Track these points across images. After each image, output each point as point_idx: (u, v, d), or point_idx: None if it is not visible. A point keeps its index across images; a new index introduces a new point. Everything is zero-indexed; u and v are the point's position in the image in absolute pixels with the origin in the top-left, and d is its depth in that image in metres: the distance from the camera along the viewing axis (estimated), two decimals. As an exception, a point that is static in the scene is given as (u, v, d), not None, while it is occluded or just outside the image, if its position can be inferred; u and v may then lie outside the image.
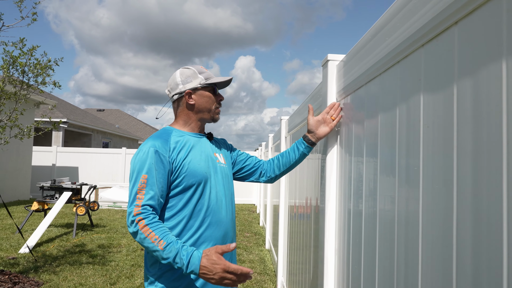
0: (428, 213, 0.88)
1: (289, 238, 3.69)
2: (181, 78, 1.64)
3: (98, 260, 5.18)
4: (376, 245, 1.19)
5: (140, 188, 1.44)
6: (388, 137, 1.11)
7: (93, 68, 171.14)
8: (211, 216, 1.57)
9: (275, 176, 1.88)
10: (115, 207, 10.79)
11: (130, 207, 1.43)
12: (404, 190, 0.99)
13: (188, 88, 1.62)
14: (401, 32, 1.00)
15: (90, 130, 18.57)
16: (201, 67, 1.68)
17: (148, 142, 1.53)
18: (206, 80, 1.64)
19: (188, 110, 1.65)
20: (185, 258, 1.34)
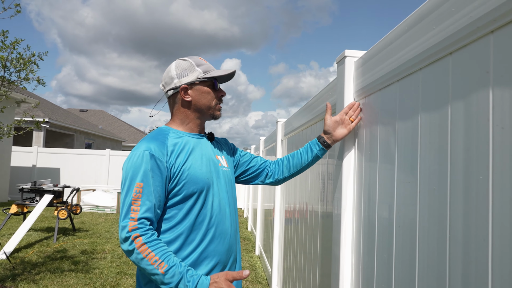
0: (498, 234, 0.74)
1: (285, 245, 3.54)
2: (176, 72, 1.45)
3: (81, 268, 4.92)
4: (416, 264, 1.04)
5: (134, 199, 1.25)
6: (435, 141, 0.97)
7: (76, 68, 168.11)
8: (214, 228, 1.40)
9: (283, 178, 1.72)
10: (98, 210, 10.46)
11: (123, 220, 1.24)
12: (465, 204, 0.84)
13: (184, 83, 1.44)
14: (462, 15, 0.86)
15: (73, 130, 18.09)
16: (200, 58, 1.49)
17: (142, 144, 1.35)
18: (204, 74, 1.45)
19: (184, 108, 1.47)
20: (191, 285, 1.18)
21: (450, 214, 0.89)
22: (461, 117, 0.86)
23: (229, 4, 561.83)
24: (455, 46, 0.88)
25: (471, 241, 0.81)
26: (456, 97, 0.89)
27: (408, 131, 1.12)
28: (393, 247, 1.19)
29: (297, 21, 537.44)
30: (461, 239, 0.84)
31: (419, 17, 1.05)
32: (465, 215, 0.83)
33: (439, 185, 0.94)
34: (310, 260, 2.38)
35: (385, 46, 1.29)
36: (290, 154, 1.72)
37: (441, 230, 0.92)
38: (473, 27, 0.81)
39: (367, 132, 1.46)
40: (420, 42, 1.04)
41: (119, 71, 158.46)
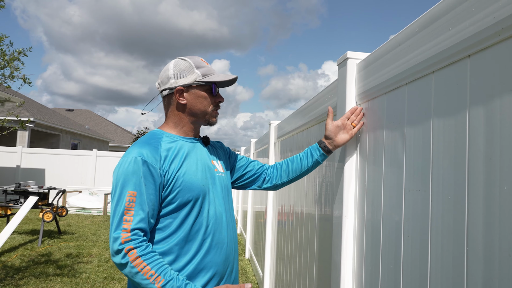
0: None
1: (278, 248, 3.49)
2: (173, 71, 1.37)
3: (67, 272, 4.78)
4: (428, 277, 0.99)
5: (127, 208, 1.18)
6: (451, 148, 0.92)
7: (62, 67, 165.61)
8: (210, 238, 1.33)
9: (281, 183, 1.66)
10: (84, 212, 10.26)
11: (115, 231, 1.16)
12: (486, 216, 0.80)
13: (180, 85, 1.36)
14: (484, 16, 0.81)
15: (59, 130, 17.76)
16: (201, 60, 1.41)
17: (134, 149, 1.27)
18: (203, 77, 1.37)
19: (178, 111, 1.39)
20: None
21: (468, 226, 0.84)
22: (482, 123, 0.82)
23: (218, 5, 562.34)
24: (474, 49, 0.84)
25: (494, 256, 0.76)
26: (475, 102, 0.84)
27: (418, 137, 1.08)
28: (401, 257, 1.14)
29: (286, 23, 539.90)
30: (481, 253, 0.80)
31: (433, 18, 1.00)
32: (487, 227, 0.78)
33: (455, 194, 0.89)
34: (306, 265, 2.33)
35: (392, 48, 1.24)
36: (289, 159, 1.66)
37: (458, 243, 0.87)
38: (497, 29, 0.76)
39: (371, 136, 1.42)
40: (434, 44, 0.99)
41: (106, 71, 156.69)
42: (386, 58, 1.28)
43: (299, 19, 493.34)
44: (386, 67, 1.28)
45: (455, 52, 0.90)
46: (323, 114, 2.01)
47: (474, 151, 0.83)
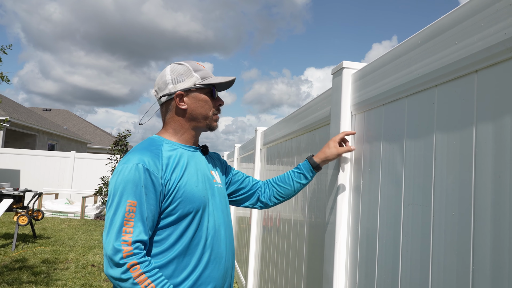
0: None
1: (262, 255, 3.44)
2: (171, 76, 1.33)
3: (42, 279, 4.60)
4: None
5: (127, 219, 1.12)
6: (455, 163, 0.91)
7: (40, 65, 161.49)
8: (209, 251, 1.28)
9: (273, 205, 1.63)
10: (61, 216, 9.96)
11: (115, 242, 1.10)
12: (494, 235, 0.78)
13: (180, 89, 1.31)
14: (495, 31, 0.79)
15: (35, 130, 17.25)
16: (198, 64, 1.37)
17: (134, 156, 1.21)
18: (202, 80, 1.33)
19: (179, 117, 1.34)
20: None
21: (474, 244, 0.83)
22: (490, 140, 0.80)
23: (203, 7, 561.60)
24: (483, 64, 0.83)
25: (503, 277, 0.74)
26: (483, 118, 0.83)
27: (419, 150, 1.06)
28: (399, 272, 1.12)
29: (271, 28, 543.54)
30: (489, 274, 0.78)
31: (437, 31, 0.99)
32: (496, 247, 0.77)
33: (460, 211, 0.88)
34: (293, 273, 2.29)
35: (391, 59, 1.23)
36: (280, 180, 1.61)
37: (463, 261, 0.86)
38: (509, 45, 0.75)
39: (366, 147, 1.40)
40: (438, 57, 0.98)
41: (86, 70, 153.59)
42: (385, 69, 1.26)
43: (284, 24, 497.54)
44: (385, 79, 1.26)
45: (461, 66, 0.89)
46: (315, 122, 1.99)
47: (482, 168, 0.82)
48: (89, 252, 6.11)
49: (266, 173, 3.50)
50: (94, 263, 5.46)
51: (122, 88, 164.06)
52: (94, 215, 10.08)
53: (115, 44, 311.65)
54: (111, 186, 1.19)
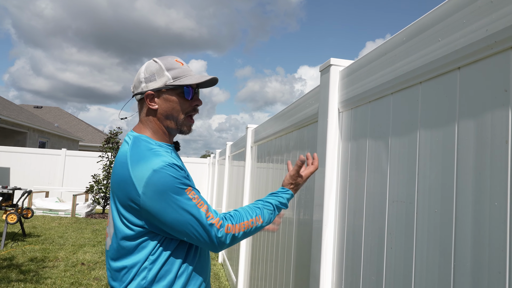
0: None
1: (253, 252, 3.44)
2: (144, 75, 1.27)
3: (31, 277, 4.56)
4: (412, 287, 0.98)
5: (197, 202, 1.14)
6: (438, 160, 0.91)
7: (32, 61, 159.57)
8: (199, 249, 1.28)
9: None
10: (51, 214, 9.87)
11: (208, 225, 1.13)
12: (475, 231, 0.78)
13: (150, 89, 1.25)
14: (477, 28, 0.79)
15: (26, 128, 17.07)
16: (175, 61, 1.29)
17: (153, 160, 1.14)
18: (174, 80, 1.24)
19: (151, 117, 1.28)
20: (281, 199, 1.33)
21: (455, 241, 0.83)
22: (472, 137, 0.80)
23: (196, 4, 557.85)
24: (465, 61, 0.83)
25: (483, 273, 0.74)
26: (465, 115, 0.83)
27: (403, 148, 1.06)
28: (384, 269, 1.12)
29: (265, 26, 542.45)
30: (469, 270, 0.78)
31: (421, 28, 0.99)
32: (476, 244, 0.77)
33: (442, 208, 0.88)
34: (282, 269, 2.29)
35: (377, 56, 1.23)
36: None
37: (445, 258, 0.86)
38: (490, 42, 0.75)
39: (353, 144, 1.40)
40: (422, 54, 0.98)
41: (78, 67, 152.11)
42: (371, 67, 1.26)
43: (278, 22, 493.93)
44: (371, 76, 1.26)
45: (444, 63, 0.89)
46: (304, 120, 1.99)
47: (463, 165, 0.82)
48: (79, 251, 6.06)
49: (256, 171, 3.50)
50: (84, 262, 5.41)
51: (114, 85, 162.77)
52: (85, 213, 10.00)
53: (108, 41, 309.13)
54: (155, 190, 1.11)
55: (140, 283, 1.15)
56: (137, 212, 1.14)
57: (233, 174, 5.35)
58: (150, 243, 1.16)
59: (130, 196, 1.13)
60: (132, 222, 1.15)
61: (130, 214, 1.15)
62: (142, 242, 1.16)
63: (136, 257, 1.16)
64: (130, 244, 1.16)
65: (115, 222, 1.20)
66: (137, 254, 1.16)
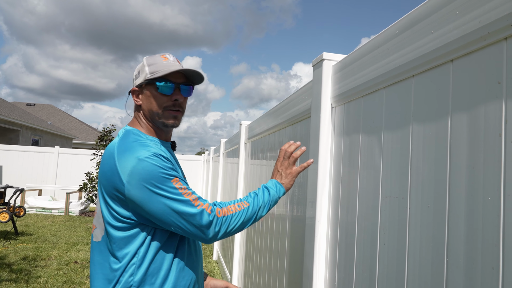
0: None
1: (247, 249, 3.43)
2: (135, 72, 1.33)
3: (23, 276, 4.51)
4: (405, 283, 0.96)
5: (183, 190, 1.13)
6: (431, 155, 0.89)
7: (24, 58, 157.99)
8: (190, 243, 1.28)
9: None
10: (44, 212, 9.80)
11: (193, 210, 1.11)
12: (468, 227, 0.77)
13: (135, 86, 1.30)
14: (470, 19, 0.78)
15: (18, 125, 16.91)
16: (161, 56, 1.29)
17: (138, 151, 1.13)
18: (150, 75, 1.24)
19: (139, 113, 1.31)
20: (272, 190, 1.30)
21: (448, 236, 0.82)
22: (465, 130, 0.79)
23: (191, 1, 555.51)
24: (458, 53, 0.81)
25: (476, 269, 0.73)
26: (458, 108, 0.81)
27: (396, 142, 1.05)
28: (377, 265, 1.11)
29: (260, 22, 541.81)
30: (463, 265, 0.77)
31: (414, 21, 0.97)
32: (469, 239, 0.76)
33: (435, 203, 0.87)
34: (276, 267, 2.28)
35: (370, 50, 1.21)
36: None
37: (438, 253, 0.85)
38: (483, 33, 0.74)
39: (346, 139, 1.38)
40: (414, 47, 0.96)
41: (71, 64, 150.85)
42: (364, 61, 1.25)
43: (274, 18, 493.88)
44: (363, 70, 1.24)
45: (437, 56, 0.88)
46: (297, 115, 1.97)
47: (456, 159, 0.81)
48: (73, 249, 6.02)
49: (250, 168, 3.48)
50: (77, 260, 5.38)
51: (109, 82, 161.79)
52: (78, 211, 9.94)
53: (101, 38, 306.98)
54: (137, 179, 1.09)
55: (128, 280, 1.13)
56: (123, 202, 1.13)
57: (227, 171, 5.33)
58: (140, 235, 1.15)
59: (116, 186, 1.12)
60: (119, 213, 1.14)
61: (117, 205, 1.14)
62: (131, 234, 1.15)
63: (125, 250, 1.14)
64: (118, 236, 1.15)
65: (103, 213, 1.19)
66: (126, 247, 1.14)
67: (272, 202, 1.30)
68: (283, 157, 1.38)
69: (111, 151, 1.19)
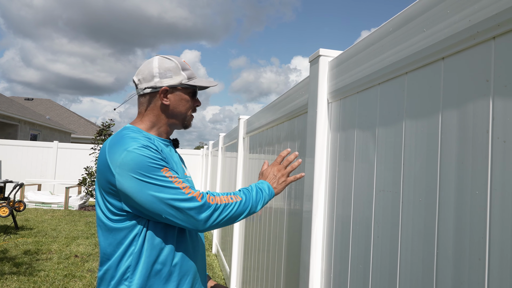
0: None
1: (245, 243, 3.47)
2: (159, 70, 1.31)
3: (24, 270, 4.56)
4: (397, 280, 0.99)
5: (174, 180, 1.16)
6: (422, 150, 0.92)
7: (22, 52, 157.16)
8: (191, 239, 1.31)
9: None
10: (44, 207, 9.83)
11: (186, 202, 1.14)
12: (457, 220, 0.79)
13: (166, 85, 1.30)
14: (460, 18, 0.80)
15: (17, 120, 16.90)
16: (184, 61, 1.37)
17: (128, 143, 1.17)
18: (189, 80, 1.34)
19: (159, 111, 1.33)
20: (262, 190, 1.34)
21: (438, 229, 0.84)
22: (455, 127, 0.81)
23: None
24: (449, 51, 0.83)
25: (464, 260, 0.76)
26: (448, 105, 0.84)
27: (390, 138, 1.07)
28: (371, 257, 1.14)
29: (260, 15, 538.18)
30: (451, 257, 0.80)
31: (407, 19, 0.99)
32: (458, 232, 0.78)
33: (426, 197, 0.89)
34: (274, 260, 2.32)
35: (365, 47, 1.23)
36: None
37: (428, 246, 0.87)
38: (472, 32, 0.76)
39: (342, 135, 1.41)
40: (408, 44, 0.98)
41: (69, 58, 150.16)
42: (359, 57, 1.27)
43: (274, 11, 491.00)
44: (359, 66, 1.26)
45: (429, 54, 0.90)
46: (294, 111, 1.99)
47: (446, 155, 0.83)
48: (73, 243, 6.06)
49: (249, 162, 3.51)
50: (77, 254, 5.42)
51: (107, 76, 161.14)
52: (78, 206, 9.98)
53: (99, 31, 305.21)
54: (124, 172, 1.13)
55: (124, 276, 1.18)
56: (115, 194, 1.17)
57: (226, 165, 5.36)
58: (135, 229, 1.19)
59: (108, 179, 1.16)
60: (114, 206, 1.19)
61: (111, 198, 1.19)
62: (125, 227, 1.19)
63: (119, 246, 1.18)
64: (114, 227, 1.19)
65: (99, 206, 1.23)
66: (121, 242, 1.18)
67: (263, 203, 1.33)
68: (281, 164, 1.44)
69: (104, 146, 1.24)
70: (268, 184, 1.38)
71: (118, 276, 1.17)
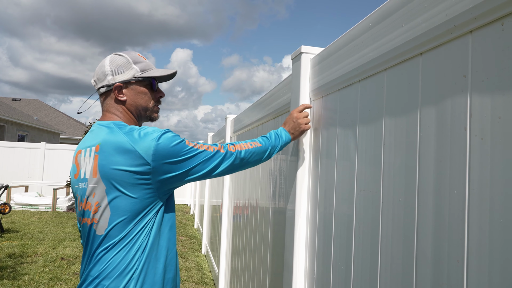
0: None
1: (233, 243, 3.43)
2: (110, 68, 1.32)
3: (8, 274, 4.46)
4: (378, 281, 0.97)
5: (199, 147, 1.23)
6: (401, 149, 0.89)
7: (9, 51, 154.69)
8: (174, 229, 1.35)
9: None
10: (31, 209, 9.68)
11: (216, 156, 1.25)
12: (436, 220, 0.77)
13: (119, 81, 1.30)
14: (437, 12, 0.77)
15: (4, 121, 16.63)
16: (138, 55, 1.37)
17: (153, 130, 1.22)
18: (142, 73, 1.33)
19: (122, 107, 1.33)
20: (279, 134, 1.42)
21: (417, 230, 0.82)
22: (433, 124, 0.79)
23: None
24: (427, 46, 0.81)
25: (443, 261, 0.74)
26: (426, 102, 0.81)
27: (370, 136, 1.05)
28: (352, 258, 1.11)
29: (253, 13, 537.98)
30: (430, 257, 0.77)
31: (386, 13, 0.97)
32: (437, 232, 0.76)
33: (405, 197, 0.87)
34: (260, 259, 2.29)
35: (346, 43, 1.21)
36: None
37: (407, 246, 0.85)
38: (449, 26, 0.73)
39: (324, 133, 1.38)
40: (387, 40, 0.96)
41: (58, 57, 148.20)
42: (340, 54, 1.24)
43: (267, 9, 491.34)
44: (340, 63, 1.24)
45: (407, 49, 0.87)
46: (278, 109, 1.96)
47: (425, 153, 0.81)
48: (59, 245, 5.96)
49: (236, 162, 3.47)
50: (64, 256, 5.33)
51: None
52: (66, 207, 9.84)
53: (89, 29, 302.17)
54: (169, 149, 1.18)
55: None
56: (144, 183, 1.18)
57: (214, 165, 5.31)
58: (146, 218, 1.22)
59: (138, 169, 1.16)
60: (137, 197, 1.19)
61: (136, 189, 1.18)
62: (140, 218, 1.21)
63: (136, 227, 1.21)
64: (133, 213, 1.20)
65: (115, 203, 1.19)
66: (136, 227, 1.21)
67: (280, 148, 1.43)
68: (301, 113, 1.49)
69: (117, 145, 1.19)
70: (286, 131, 1.46)
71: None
